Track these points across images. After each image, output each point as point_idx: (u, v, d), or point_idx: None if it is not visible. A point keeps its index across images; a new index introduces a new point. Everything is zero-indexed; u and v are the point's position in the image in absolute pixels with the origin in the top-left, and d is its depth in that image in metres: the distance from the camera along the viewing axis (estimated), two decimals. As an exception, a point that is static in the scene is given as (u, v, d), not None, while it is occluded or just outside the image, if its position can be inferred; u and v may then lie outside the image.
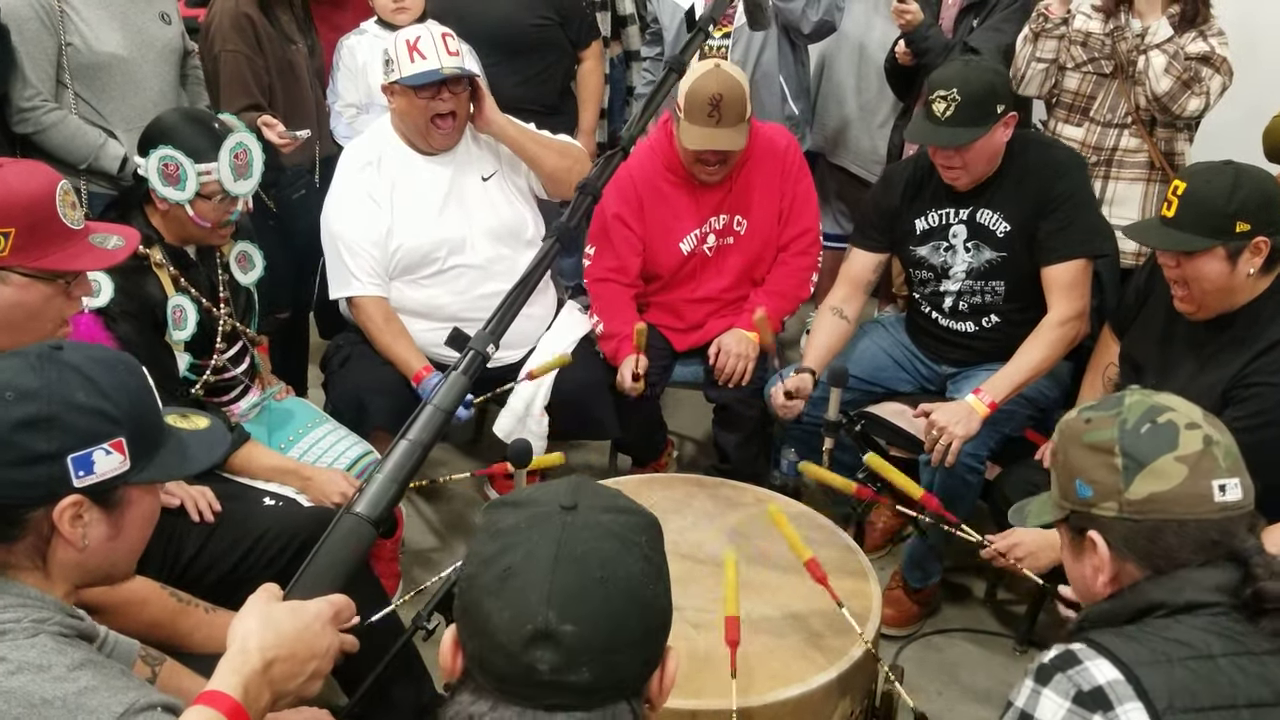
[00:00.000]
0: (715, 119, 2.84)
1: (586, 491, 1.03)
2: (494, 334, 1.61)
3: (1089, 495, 1.38)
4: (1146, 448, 1.34)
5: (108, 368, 1.33)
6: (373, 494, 1.39)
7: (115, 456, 1.30)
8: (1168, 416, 1.36)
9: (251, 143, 2.43)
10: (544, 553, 0.96)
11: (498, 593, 0.96)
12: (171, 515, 2.20)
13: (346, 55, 3.45)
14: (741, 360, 3.02)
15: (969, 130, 2.64)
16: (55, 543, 1.31)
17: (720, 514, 2.46)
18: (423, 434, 1.45)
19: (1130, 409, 1.38)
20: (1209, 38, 2.89)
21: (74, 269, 1.79)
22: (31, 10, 2.81)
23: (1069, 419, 1.44)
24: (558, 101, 3.64)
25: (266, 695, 1.23)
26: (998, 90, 2.67)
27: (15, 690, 1.19)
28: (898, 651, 2.85)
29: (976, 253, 2.84)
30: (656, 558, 1.02)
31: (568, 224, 1.78)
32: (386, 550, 2.99)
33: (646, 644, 0.99)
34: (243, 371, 2.62)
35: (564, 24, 3.57)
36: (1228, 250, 2.25)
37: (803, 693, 1.93)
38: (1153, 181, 3.07)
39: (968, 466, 2.68)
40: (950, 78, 2.66)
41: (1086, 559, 1.40)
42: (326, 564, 1.34)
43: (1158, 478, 1.33)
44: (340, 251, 2.91)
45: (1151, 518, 1.33)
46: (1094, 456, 1.37)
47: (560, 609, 0.94)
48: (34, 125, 2.86)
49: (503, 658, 0.95)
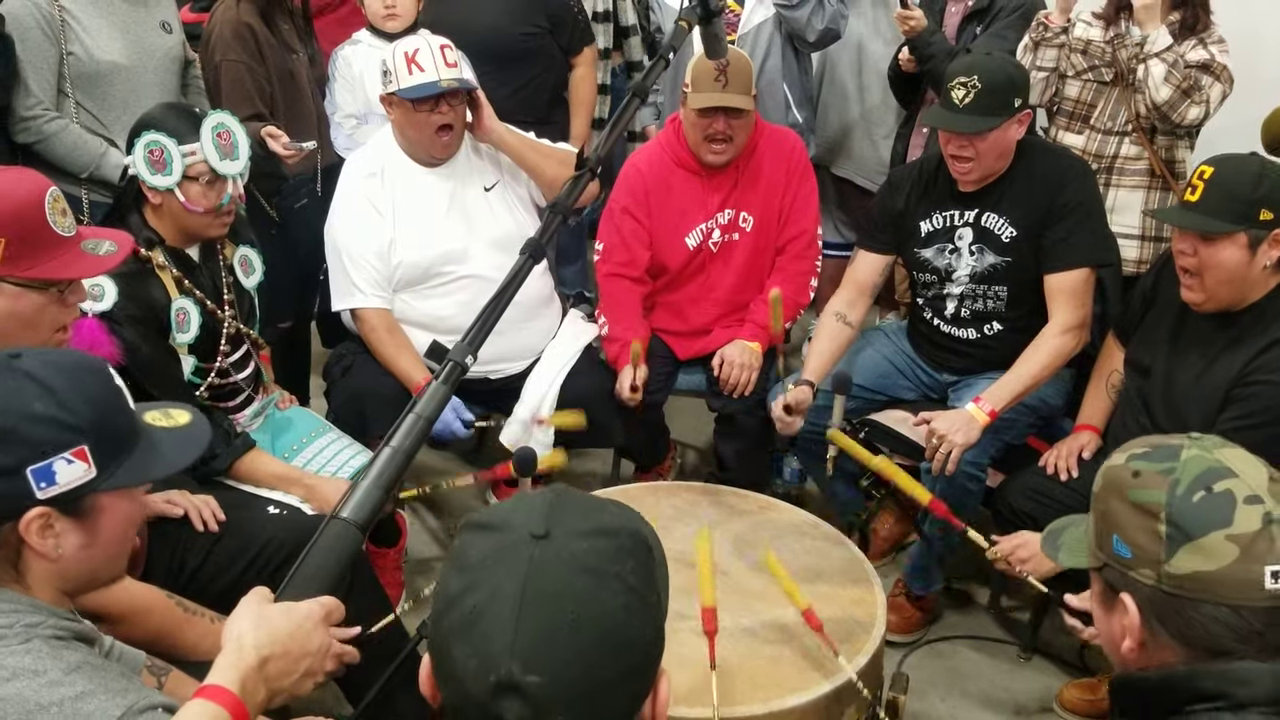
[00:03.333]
0: (722, 83, 2.88)
1: (565, 512, 0.95)
2: (472, 345, 1.62)
3: (1127, 556, 1.25)
4: (1196, 519, 1.20)
5: (68, 374, 1.30)
6: (358, 499, 1.40)
7: (78, 465, 1.28)
8: (1226, 485, 1.22)
9: (234, 124, 2.42)
10: (509, 592, 0.90)
11: (464, 637, 0.90)
12: (176, 524, 2.20)
13: (342, 65, 3.44)
14: (745, 371, 3.02)
15: (986, 119, 2.63)
16: (26, 554, 1.30)
17: (724, 521, 2.46)
18: (405, 441, 1.46)
19: (1185, 467, 1.24)
20: (1209, 45, 2.89)
21: (66, 277, 1.77)
22: (33, 20, 2.82)
23: (1115, 465, 1.31)
24: (548, 111, 3.62)
25: (262, 692, 1.24)
26: (1017, 83, 2.68)
27: (11, 697, 1.19)
28: (902, 659, 2.84)
29: (980, 256, 2.84)
30: (643, 585, 0.94)
31: (539, 240, 1.79)
32: (390, 560, 2.99)
33: (630, 681, 0.93)
34: (246, 377, 2.62)
35: (554, 31, 3.55)
36: (1249, 238, 2.25)
37: (806, 701, 1.93)
38: (1153, 189, 3.07)
39: (969, 474, 2.68)
40: (971, 65, 2.67)
41: (1116, 617, 1.28)
42: (315, 567, 1.35)
43: (1205, 555, 1.20)
44: (343, 263, 2.91)
45: (1192, 596, 1.20)
46: (1137, 516, 1.24)
47: (525, 659, 0.88)
48: (35, 134, 2.87)
49: (472, 707, 0.90)
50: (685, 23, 2.07)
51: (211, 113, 2.41)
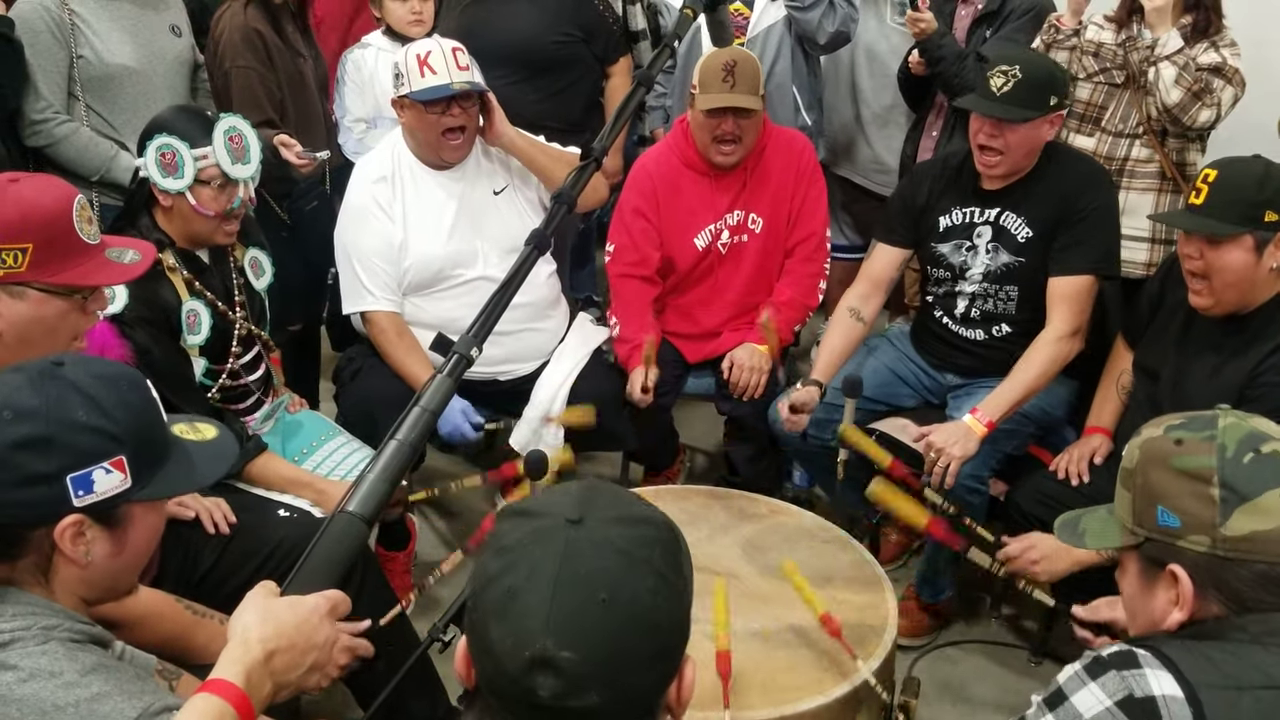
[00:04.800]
0: (730, 84, 2.88)
1: (598, 501, 1.00)
2: (477, 337, 1.62)
3: (1175, 525, 1.25)
4: (1251, 480, 1.22)
5: (110, 384, 1.32)
6: (364, 493, 1.40)
7: (116, 475, 1.29)
8: (1273, 446, 1.24)
9: (245, 128, 2.43)
10: (545, 572, 0.94)
11: (501, 615, 0.95)
12: (187, 527, 2.20)
13: (352, 69, 3.45)
14: (754, 374, 3.02)
15: (1022, 110, 2.62)
16: (57, 560, 1.31)
17: (734, 525, 2.46)
18: (410, 434, 1.47)
19: (1226, 433, 1.26)
20: (1221, 48, 2.89)
21: (91, 284, 1.79)
22: (44, 23, 2.83)
23: (1153, 437, 1.31)
24: (582, 118, 3.61)
25: (268, 685, 1.24)
26: (1057, 81, 2.67)
27: (28, 698, 1.20)
28: (912, 663, 2.83)
29: (995, 255, 2.83)
30: (671, 571, 0.98)
31: (544, 231, 1.80)
32: (399, 563, 2.99)
33: (658, 663, 0.97)
34: (257, 379, 2.62)
35: (588, 40, 3.55)
36: (1255, 240, 2.25)
37: (819, 705, 1.92)
38: (1164, 192, 3.06)
39: (969, 487, 2.67)
40: (1014, 56, 2.68)
41: (1160, 591, 1.28)
42: (321, 561, 1.36)
43: (1262, 515, 1.21)
44: (353, 265, 2.92)
45: (1248, 557, 1.21)
46: (1185, 483, 1.25)
47: (558, 635, 0.92)
48: (46, 138, 2.88)
49: (506, 681, 0.94)
50: (690, 10, 2.07)
51: (223, 116, 2.42)
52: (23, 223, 1.70)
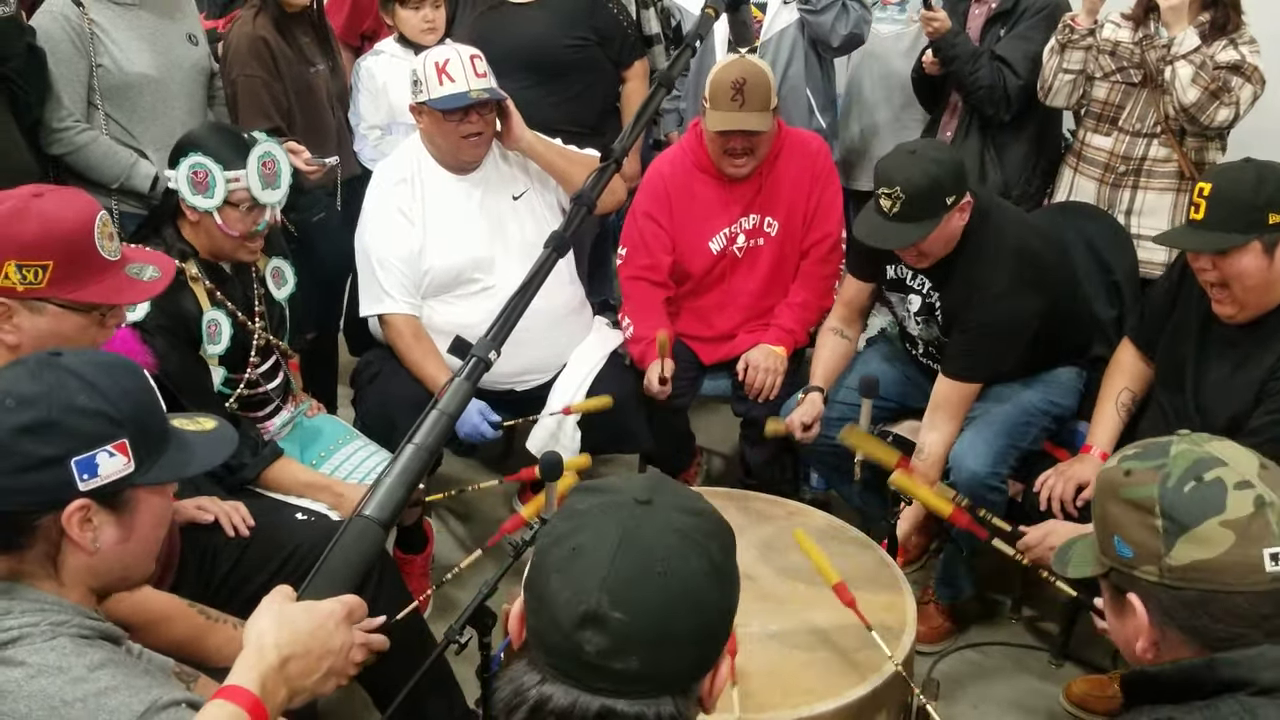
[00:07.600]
0: (739, 102, 2.87)
1: (666, 490, 1.05)
2: (495, 341, 1.62)
3: (1129, 556, 1.25)
4: (1189, 509, 1.21)
5: (107, 371, 1.34)
6: (381, 497, 1.40)
7: (119, 458, 1.31)
8: (1216, 473, 1.22)
9: (280, 154, 2.45)
10: (610, 538, 0.99)
11: (563, 570, 0.99)
12: (206, 531, 2.21)
13: (365, 77, 3.47)
14: (770, 375, 3.02)
15: (918, 226, 2.52)
16: (66, 548, 1.32)
17: (751, 527, 2.45)
18: (428, 438, 1.47)
19: (1175, 461, 1.25)
20: (1240, 46, 2.86)
21: (110, 302, 1.80)
22: (64, 33, 2.85)
23: (1108, 468, 1.32)
24: (598, 121, 3.59)
25: (283, 691, 1.25)
26: (943, 183, 2.51)
27: (36, 693, 1.21)
28: (932, 665, 2.82)
29: (926, 328, 2.83)
30: (725, 564, 1.03)
31: (564, 233, 1.80)
32: (417, 567, 2.99)
33: (698, 644, 1.00)
34: (275, 387, 2.63)
35: (603, 44, 3.54)
36: (1264, 243, 2.23)
37: (837, 707, 1.92)
38: (1182, 191, 3.03)
39: (989, 486, 2.65)
40: (892, 175, 2.53)
41: (1129, 619, 1.28)
42: (338, 565, 1.36)
43: (1200, 544, 1.20)
44: (373, 267, 2.93)
45: (1195, 587, 1.20)
46: (1132, 514, 1.25)
47: (613, 595, 0.96)
48: (66, 146, 2.90)
49: (557, 634, 0.98)
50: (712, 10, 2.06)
51: (260, 141, 2.44)
52: (44, 240, 1.72)
